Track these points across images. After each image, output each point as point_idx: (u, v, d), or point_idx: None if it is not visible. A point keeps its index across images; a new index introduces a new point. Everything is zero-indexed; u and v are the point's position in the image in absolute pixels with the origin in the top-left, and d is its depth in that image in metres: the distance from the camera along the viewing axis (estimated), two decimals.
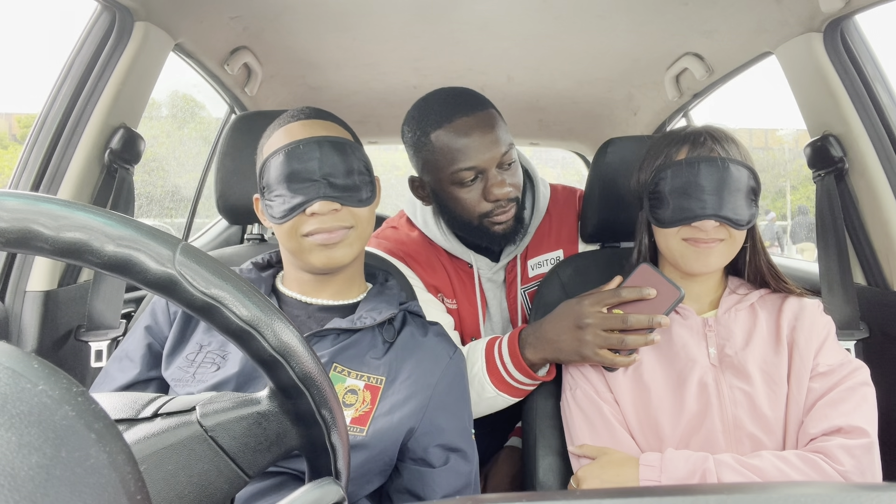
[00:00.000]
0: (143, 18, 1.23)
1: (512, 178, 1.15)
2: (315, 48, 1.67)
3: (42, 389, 0.25)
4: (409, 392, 0.85)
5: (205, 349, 0.86)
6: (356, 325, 0.87)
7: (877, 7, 1.14)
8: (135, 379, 0.87)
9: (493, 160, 1.12)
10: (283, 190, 0.85)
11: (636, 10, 1.42)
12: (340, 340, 0.87)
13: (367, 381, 0.85)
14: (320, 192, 0.84)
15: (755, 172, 0.93)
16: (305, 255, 0.87)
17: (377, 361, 0.87)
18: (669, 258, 0.98)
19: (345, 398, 0.83)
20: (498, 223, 1.16)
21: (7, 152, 13.81)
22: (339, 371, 0.84)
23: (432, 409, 0.86)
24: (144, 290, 0.44)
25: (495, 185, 1.12)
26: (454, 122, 1.11)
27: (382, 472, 0.84)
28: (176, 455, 0.42)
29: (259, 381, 0.82)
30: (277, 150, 0.86)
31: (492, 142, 1.11)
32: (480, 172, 1.12)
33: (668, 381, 0.95)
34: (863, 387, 0.89)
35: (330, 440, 0.46)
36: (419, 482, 0.84)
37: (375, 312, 0.90)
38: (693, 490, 0.30)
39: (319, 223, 0.85)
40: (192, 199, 2.11)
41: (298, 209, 0.84)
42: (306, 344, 0.44)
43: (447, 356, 0.91)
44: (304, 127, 0.88)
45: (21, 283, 1.16)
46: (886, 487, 0.30)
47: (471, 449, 0.90)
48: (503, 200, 1.13)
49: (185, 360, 0.85)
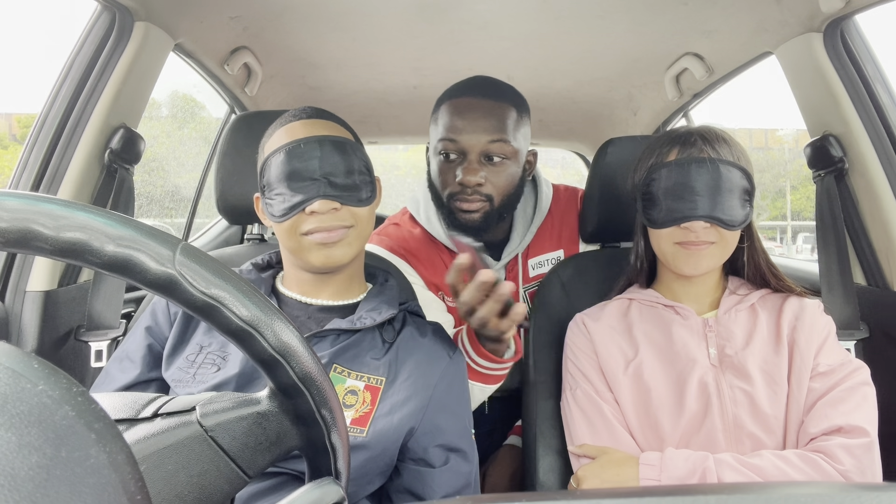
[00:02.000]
0: (143, 18, 1.22)
1: (494, 175, 1.16)
2: (315, 48, 1.67)
3: (42, 389, 0.25)
4: (409, 392, 0.85)
5: (205, 350, 0.86)
6: (356, 325, 0.87)
7: (877, 7, 1.14)
8: (135, 379, 0.87)
9: (475, 145, 1.13)
10: (284, 188, 0.85)
11: (636, 10, 1.42)
12: (340, 341, 0.87)
13: (367, 381, 0.85)
14: (320, 191, 0.84)
15: (748, 173, 0.93)
16: (305, 253, 0.87)
17: (377, 362, 0.87)
18: (663, 260, 0.99)
19: (345, 399, 0.83)
20: (461, 210, 1.18)
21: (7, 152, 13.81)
22: (339, 372, 0.84)
23: (432, 409, 0.86)
24: (144, 290, 0.44)
25: (467, 171, 1.14)
26: (461, 99, 1.17)
27: (383, 472, 0.84)
28: (176, 455, 0.42)
29: (259, 381, 0.82)
30: (278, 149, 0.86)
31: (483, 127, 1.13)
32: (462, 152, 1.15)
33: (668, 380, 0.95)
34: (863, 386, 0.89)
35: (330, 440, 0.46)
36: (419, 482, 0.84)
37: (375, 313, 0.90)
38: (693, 490, 0.30)
39: (319, 222, 0.85)
40: (192, 199, 2.11)
41: (298, 208, 0.84)
42: (306, 344, 0.44)
43: (447, 356, 0.91)
44: (305, 126, 0.89)
45: (21, 283, 1.16)
46: (886, 487, 0.30)
47: (471, 449, 0.90)
48: (469, 188, 1.15)
49: (185, 361, 0.85)
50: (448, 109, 1.17)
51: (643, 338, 0.99)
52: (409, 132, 2.46)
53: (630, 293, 1.07)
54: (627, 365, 0.98)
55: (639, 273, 1.07)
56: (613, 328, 1.02)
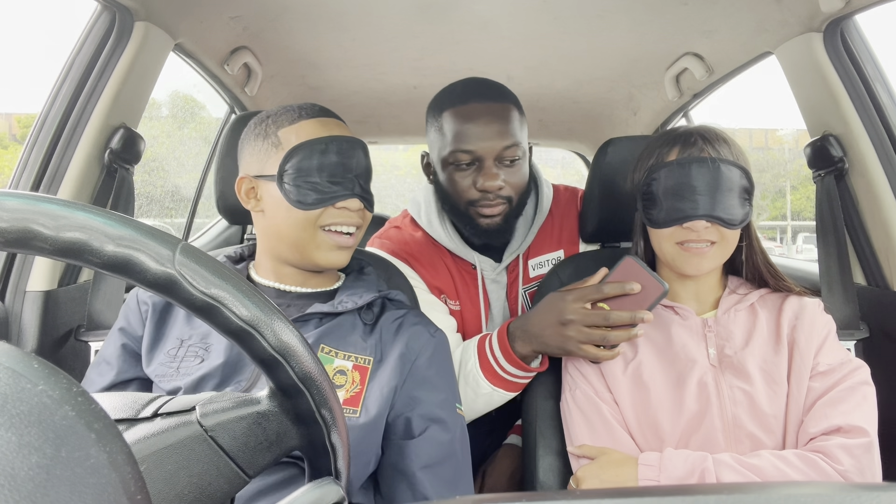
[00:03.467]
0: (143, 18, 1.23)
1: (511, 177, 1.16)
2: (315, 48, 1.67)
3: (42, 389, 0.25)
4: (393, 372, 0.86)
5: (185, 343, 0.86)
6: (338, 308, 0.88)
7: (877, 7, 1.14)
8: (112, 381, 0.87)
9: (491, 150, 1.13)
10: (321, 179, 0.87)
11: (636, 10, 1.42)
12: (323, 323, 0.88)
13: (355, 361, 0.86)
14: (356, 191, 0.89)
15: (748, 172, 0.93)
16: (314, 249, 0.88)
17: (363, 343, 0.88)
18: (664, 260, 0.98)
19: (334, 379, 0.83)
20: (483, 216, 1.17)
21: (7, 152, 13.81)
22: (327, 352, 0.85)
23: (410, 383, 0.87)
24: (144, 290, 0.44)
25: (486, 177, 1.13)
26: (467, 105, 1.15)
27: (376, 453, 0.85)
28: (176, 455, 0.42)
29: (245, 369, 0.82)
30: (318, 140, 0.88)
31: (496, 132, 1.13)
32: (477, 160, 1.14)
33: (667, 381, 0.95)
34: (863, 386, 0.89)
35: (330, 440, 0.46)
36: (398, 454, 0.83)
37: (356, 297, 0.92)
38: (692, 490, 0.30)
39: (345, 218, 0.89)
40: (192, 199, 2.11)
41: (331, 200, 0.87)
42: (306, 344, 0.44)
43: (428, 334, 0.93)
44: (339, 126, 0.93)
45: (21, 283, 1.16)
46: (886, 487, 0.30)
47: (452, 419, 0.88)
48: (491, 193, 1.14)
49: (166, 356, 0.85)
50: (455, 117, 1.14)
51: (642, 338, 0.99)
52: (409, 132, 2.47)
53: None
54: (627, 365, 0.98)
55: None
56: None
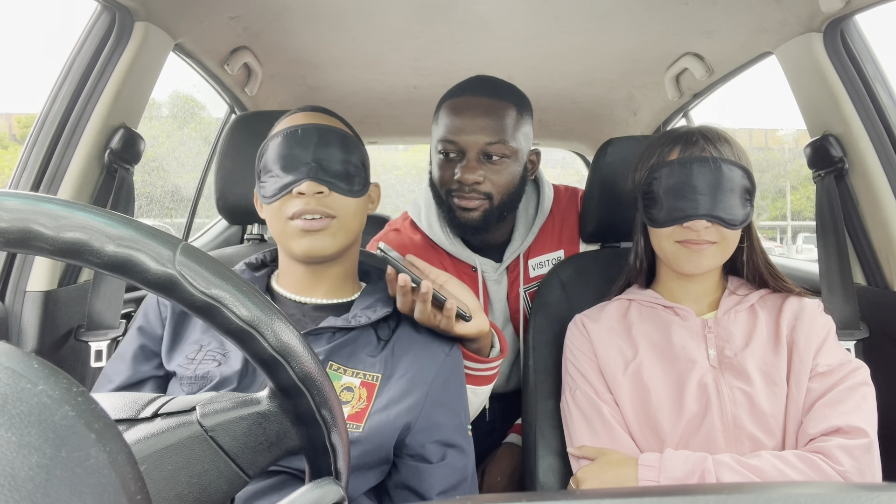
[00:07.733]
0: (143, 18, 1.22)
1: (493, 174, 1.17)
2: (315, 48, 1.67)
3: (42, 389, 0.25)
4: (405, 388, 0.85)
5: (205, 348, 0.86)
6: (351, 323, 0.87)
7: (877, 7, 1.14)
8: (128, 380, 0.87)
9: (474, 145, 1.15)
10: (277, 170, 0.87)
11: (636, 10, 1.42)
12: (336, 339, 0.87)
13: (363, 378, 0.85)
14: (310, 174, 0.85)
15: (749, 172, 0.93)
16: (289, 240, 0.88)
17: (372, 359, 0.87)
18: (664, 259, 0.98)
19: (340, 395, 0.83)
20: (461, 208, 1.20)
21: (7, 152, 13.82)
22: (335, 369, 0.85)
23: (429, 405, 0.86)
24: (144, 290, 0.44)
25: (465, 169, 1.16)
26: (460, 98, 1.19)
27: (379, 467, 0.85)
28: (176, 455, 0.42)
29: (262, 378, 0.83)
30: (276, 133, 0.89)
31: (480, 127, 1.15)
32: (461, 152, 1.17)
33: (667, 381, 0.95)
34: (862, 386, 0.89)
35: (330, 440, 0.46)
36: (416, 478, 0.85)
37: (370, 311, 0.91)
38: (692, 490, 0.30)
39: (304, 204, 0.85)
40: (192, 199, 2.11)
41: (287, 189, 0.86)
42: (306, 344, 0.44)
43: (443, 353, 0.92)
44: (306, 116, 0.92)
45: (21, 283, 1.16)
46: (886, 487, 0.30)
47: (467, 444, 0.91)
48: (467, 186, 1.17)
49: (185, 360, 0.86)
50: (448, 109, 1.19)
51: (642, 339, 0.99)
52: (409, 132, 2.47)
53: (629, 294, 1.07)
54: (627, 366, 0.98)
55: (638, 273, 1.07)
56: (613, 329, 1.02)
